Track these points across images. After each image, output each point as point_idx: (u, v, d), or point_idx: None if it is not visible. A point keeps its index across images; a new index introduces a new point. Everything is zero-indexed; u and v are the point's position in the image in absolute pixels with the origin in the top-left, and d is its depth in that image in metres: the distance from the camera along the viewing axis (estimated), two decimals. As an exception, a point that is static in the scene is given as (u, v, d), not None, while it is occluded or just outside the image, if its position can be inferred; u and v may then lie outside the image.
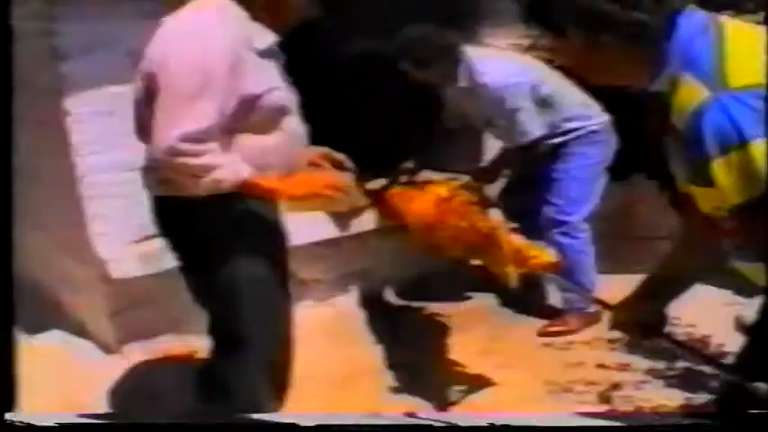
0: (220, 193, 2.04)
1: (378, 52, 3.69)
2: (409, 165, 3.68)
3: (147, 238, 3.12)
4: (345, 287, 3.66)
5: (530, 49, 4.00)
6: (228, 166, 2.01)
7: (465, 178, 3.40)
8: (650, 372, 2.98)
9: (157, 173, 2.10)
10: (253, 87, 2.04)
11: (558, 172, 3.43)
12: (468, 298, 3.70)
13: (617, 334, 2.98)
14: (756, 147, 1.31)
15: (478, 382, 2.90)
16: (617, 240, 3.79)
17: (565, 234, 3.42)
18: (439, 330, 3.38)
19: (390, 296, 3.77)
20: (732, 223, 1.40)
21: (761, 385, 1.51)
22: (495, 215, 3.07)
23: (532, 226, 3.19)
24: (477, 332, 3.33)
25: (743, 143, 1.32)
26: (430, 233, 2.74)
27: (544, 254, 2.56)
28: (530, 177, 3.47)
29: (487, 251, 2.55)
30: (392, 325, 3.43)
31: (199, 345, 3.13)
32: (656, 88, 1.45)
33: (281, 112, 2.14)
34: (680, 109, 1.39)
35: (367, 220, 3.57)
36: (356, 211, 3.51)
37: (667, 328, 1.84)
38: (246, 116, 2.06)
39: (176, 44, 2.05)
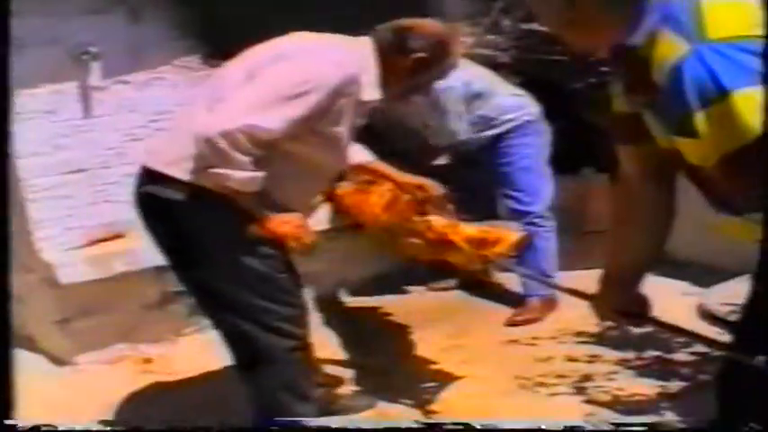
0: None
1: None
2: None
3: (96, 242, 3.21)
4: None
5: (474, 46, 4.19)
6: (252, 177, 2.17)
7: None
8: (620, 362, 3.07)
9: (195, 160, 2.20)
10: (332, 124, 2.23)
11: (505, 165, 3.64)
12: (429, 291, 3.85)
13: (582, 327, 3.23)
14: (738, 97, 1.36)
15: (446, 378, 2.97)
16: (570, 235, 3.89)
17: (532, 224, 3.58)
18: (400, 329, 3.45)
19: (345, 297, 3.83)
20: (718, 175, 1.44)
21: (761, 358, 1.55)
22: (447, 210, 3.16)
23: (481, 206, 3.38)
24: (440, 329, 3.40)
25: (723, 94, 1.36)
26: (385, 234, 2.82)
27: (507, 235, 2.65)
28: (472, 161, 3.64)
29: (446, 248, 2.62)
30: (351, 327, 3.48)
31: (152, 353, 3.26)
32: (633, 43, 1.51)
33: (333, 158, 2.34)
34: (659, 64, 1.45)
35: (319, 220, 3.56)
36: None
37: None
38: (303, 144, 2.23)
39: (305, 46, 2.25)
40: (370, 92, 2.29)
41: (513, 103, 3.67)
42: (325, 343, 3.18)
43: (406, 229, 2.70)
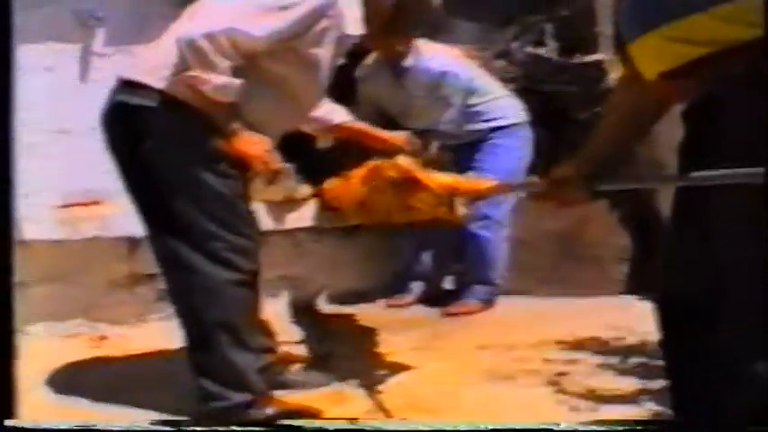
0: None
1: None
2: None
3: (71, 205, 3.30)
4: (275, 291, 3.75)
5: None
6: (230, 83, 2.22)
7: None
8: (601, 365, 3.09)
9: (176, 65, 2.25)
10: (311, 48, 2.32)
11: (484, 163, 3.81)
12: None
13: (565, 336, 3.34)
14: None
15: (403, 368, 3.05)
16: (565, 261, 4.07)
17: (486, 228, 3.81)
18: (368, 332, 3.53)
19: (322, 303, 3.94)
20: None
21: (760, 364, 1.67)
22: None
23: None
24: (411, 335, 3.48)
25: None
26: (364, 209, 2.94)
27: (480, 182, 2.77)
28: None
29: (414, 188, 2.73)
30: (320, 328, 3.57)
31: (110, 333, 3.29)
32: None
33: (309, 88, 2.42)
34: None
35: (303, 217, 3.76)
36: (292, 203, 3.71)
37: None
38: (281, 64, 2.32)
39: None
40: (354, 26, 2.41)
41: (505, 104, 3.94)
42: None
43: (378, 188, 2.82)
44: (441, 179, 2.76)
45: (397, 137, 2.96)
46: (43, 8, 3.06)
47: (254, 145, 2.32)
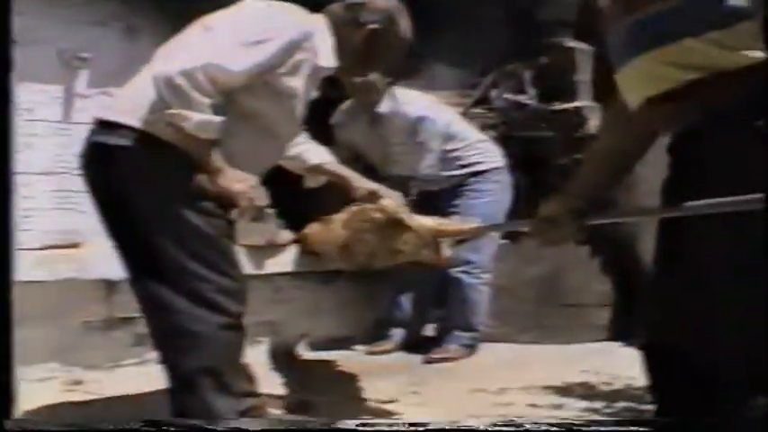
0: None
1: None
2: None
3: (49, 247, 3.31)
4: (254, 338, 3.71)
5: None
6: (210, 119, 2.21)
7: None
8: (586, 410, 3.10)
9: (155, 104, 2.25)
10: (287, 79, 2.33)
11: (464, 208, 3.85)
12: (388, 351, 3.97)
13: (549, 382, 3.37)
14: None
15: (385, 414, 3.04)
16: (546, 307, 4.13)
17: (467, 273, 3.87)
18: (350, 379, 3.52)
19: (303, 349, 3.95)
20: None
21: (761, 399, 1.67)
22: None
23: None
24: (395, 379, 3.49)
25: None
26: (346, 252, 2.97)
27: (463, 224, 2.82)
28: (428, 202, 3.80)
29: (398, 230, 2.77)
30: (301, 374, 3.57)
31: (86, 377, 3.25)
32: None
33: (286, 120, 2.44)
34: None
35: (284, 262, 3.80)
36: (273, 248, 3.74)
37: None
38: (257, 98, 2.32)
39: (265, 4, 2.36)
40: (327, 58, 2.43)
41: (484, 149, 4.00)
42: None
43: (362, 231, 2.86)
44: (426, 221, 2.81)
45: (371, 186, 2.98)
46: (26, 48, 3.09)
47: (239, 182, 2.31)
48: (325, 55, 2.42)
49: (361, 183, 2.96)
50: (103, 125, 2.34)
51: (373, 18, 2.53)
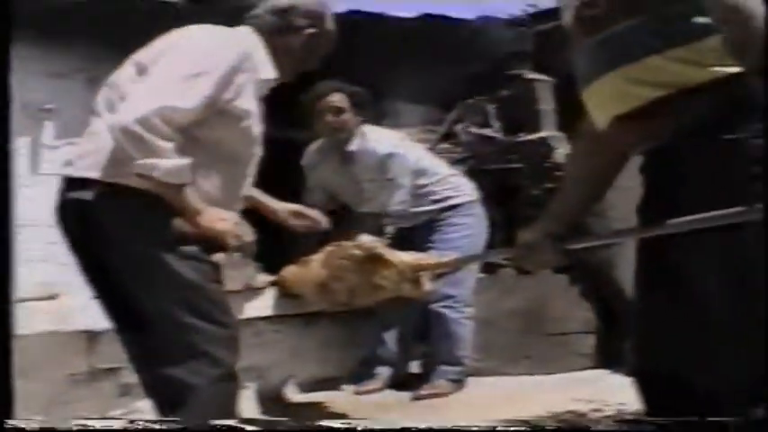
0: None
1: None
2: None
3: (26, 300, 3.28)
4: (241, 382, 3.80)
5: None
6: (178, 163, 2.18)
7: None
8: None
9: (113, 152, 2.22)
10: (236, 102, 2.31)
11: (439, 243, 3.91)
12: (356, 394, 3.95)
13: (544, 411, 3.38)
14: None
15: None
16: (530, 338, 4.18)
17: (449, 307, 3.91)
18: (344, 419, 3.48)
19: (291, 392, 3.94)
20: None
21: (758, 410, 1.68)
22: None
23: None
24: (384, 420, 3.41)
25: None
26: (326, 292, 3.01)
27: (439, 259, 2.90)
28: (403, 238, 3.85)
29: (377, 265, 2.80)
30: (291, 418, 3.47)
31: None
32: None
33: (245, 142, 2.41)
34: None
35: (263, 306, 3.81)
36: (251, 292, 3.76)
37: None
38: (213, 128, 2.29)
39: (192, 35, 2.35)
40: (266, 70, 2.44)
41: (456, 182, 4.07)
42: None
43: (341, 269, 2.90)
44: (404, 256, 2.84)
45: (291, 207, 2.99)
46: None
47: (221, 220, 2.28)
48: (265, 68, 2.44)
49: (280, 205, 2.95)
50: (71, 182, 2.31)
51: (308, 22, 2.55)
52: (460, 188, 4.08)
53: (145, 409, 3.39)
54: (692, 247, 1.73)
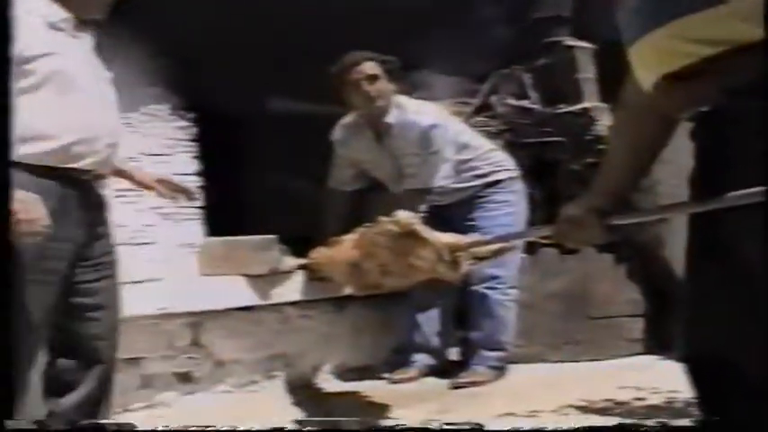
0: None
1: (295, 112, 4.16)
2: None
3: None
4: (268, 372, 3.83)
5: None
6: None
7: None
8: (619, 428, 3.16)
9: None
10: (25, 49, 2.32)
11: (481, 220, 3.91)
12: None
13: (589, 400, 3.39)
14: None
15: None
16: (573, 322, 4.17)
17: (493, 289, 3.89)
18: (376, 410, 3.53)
19: (324, 381, 3.96)
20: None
21: None
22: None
23: None
24: (423, 408, 3.50)
25: None
26: (357, 273, 3.05)
27: (479, 238, 2.86)
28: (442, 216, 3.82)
29: (414, 243, 2.80)
30: (323, 409, 3.56)
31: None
32: None
33: (63, 83, 2.43)
34: None
35: (291, 291, 3.82)
36: (278, 276, 3.77)
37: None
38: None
39: None
40: (54, 13, 2.50)
41: (497, 157, 4.07)
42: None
43: (375, 246, 2.92)
44: (442, 235, 2.84)
45: (158, 176, 3.00)
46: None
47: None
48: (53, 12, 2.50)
49: (144, 175, 2.97)
50: None
51: None
52: (502, 163, 4.08)
53: (168, 401, 3.51)
54: (749, 222, 1.66)
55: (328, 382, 3.97)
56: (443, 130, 3.88)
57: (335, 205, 4.15)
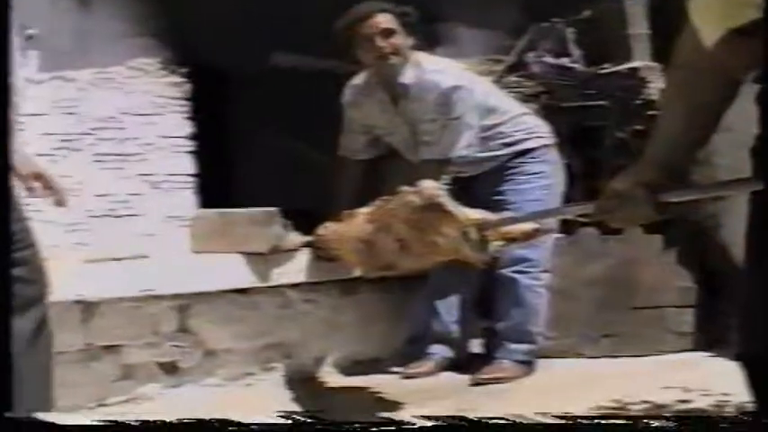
0: None
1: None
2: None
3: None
4: (265, 364, 3.76)
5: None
6: None
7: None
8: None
9: None
10: None
11: (511, 194, 3.79)
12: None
13: (629, 402, 3.31)
14: None
15: None
16: (613, 312, 4.06)
17: (523, 273, 3.77)
18: (387, 407, 3.45)
19: (327, 374, 3.89)
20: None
21: None
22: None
23: None
24: (442, 404, 3.42)
25: None
26: (370, 250, 3.01)
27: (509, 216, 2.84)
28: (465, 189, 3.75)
29: (437, 216, 2.75)
30: (327, 406, 3.51)
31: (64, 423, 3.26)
32: None
33: None
34: None
35: (294, 272, 3.75)
36: (280, 255, 3.69)
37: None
38: None
39: None
40: None
41: (530, 123, 3.94)
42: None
43: (392, 218, 2.87)
44: (470, 212, 2.78)
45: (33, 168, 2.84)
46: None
47: None
48: None
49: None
50: None
51: None
52: (535, 130, 3.94)
53: (151, 394, 3.43)
54: None
55: (333, 376, 3.89)
56: (467, 92, 3.74)
57: (346, 176, 4.05)
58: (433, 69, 3.77)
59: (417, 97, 3.77)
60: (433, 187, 2.82)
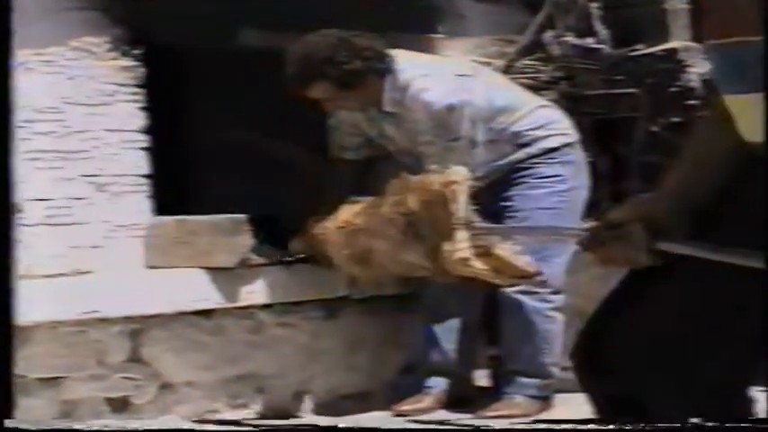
0: None
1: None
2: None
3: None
4: (234, 399, 3.81)
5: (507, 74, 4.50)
6: None
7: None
8: None
9: None
10: None
11: (524, 200, 3.88)
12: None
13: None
14: None
15: None
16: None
17: (530, 294, 3.82)
18: None
19: (308, 412, 3.95)
20: None
21: None
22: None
23: None
24: None
25: None
26: (368, 254, 2.97)
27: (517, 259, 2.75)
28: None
29: (440, 206, 2.66)
30: None
31: None
32: None
33: None
34: None
35: (265, 290, 3.80)
36: (249, 269, 3.75)
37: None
38: None
39: None
40: None
41: (547, 117, 4.00)
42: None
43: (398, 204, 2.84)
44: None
45: None
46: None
47: None
48: None
49: None
50: None
51: None
52: (553, 125, 4.02)
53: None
54: None
55: (314, 414, 3.95)
56: (465, 108, 3.83)
57: (335, 177, 4.15)
58: (419, 89, 3.83)
59: (408, 119, 3.86)
60: (462, 172, 2.78)
